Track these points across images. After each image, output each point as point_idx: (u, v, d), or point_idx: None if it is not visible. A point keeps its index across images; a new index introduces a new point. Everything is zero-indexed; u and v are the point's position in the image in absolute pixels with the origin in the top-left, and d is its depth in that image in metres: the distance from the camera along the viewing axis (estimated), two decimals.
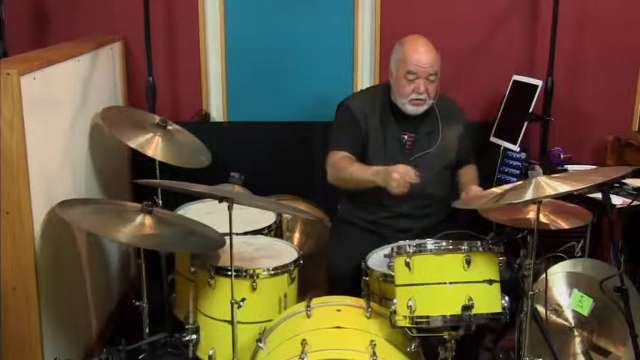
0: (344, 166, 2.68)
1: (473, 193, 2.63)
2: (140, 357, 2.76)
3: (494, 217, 2.45)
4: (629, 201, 2.80)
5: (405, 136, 2.76)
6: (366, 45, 3.62)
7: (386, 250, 2.49)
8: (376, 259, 2.54)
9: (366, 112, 2.78)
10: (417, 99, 2.69)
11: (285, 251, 2.63)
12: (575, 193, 2.14)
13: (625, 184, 3.00)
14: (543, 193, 2.05)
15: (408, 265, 2.11)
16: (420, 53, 2.67)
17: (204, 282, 2.45)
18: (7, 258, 2.25)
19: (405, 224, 2.77)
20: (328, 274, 2.73)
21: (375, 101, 2.81)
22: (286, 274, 2.49)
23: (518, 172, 3.22)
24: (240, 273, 2.40)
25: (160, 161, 2.73)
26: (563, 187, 2.05)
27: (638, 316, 2.48)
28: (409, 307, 2.07)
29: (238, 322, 2.28)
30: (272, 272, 2.44)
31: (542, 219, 2.28)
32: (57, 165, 2.54)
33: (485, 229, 2.69)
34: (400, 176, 2.43)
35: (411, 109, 2.72)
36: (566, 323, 2.65)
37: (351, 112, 2.80)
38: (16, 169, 2.20)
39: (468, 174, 2.89)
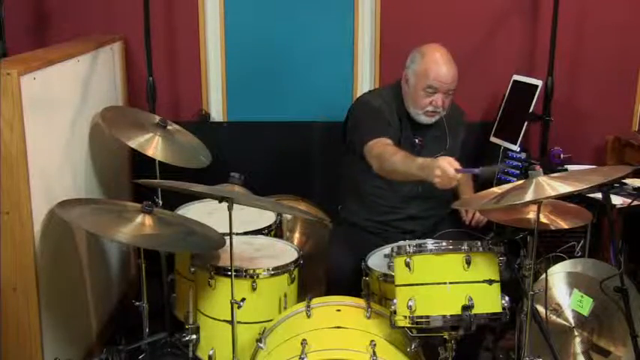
0: (387, 157, 2.51)
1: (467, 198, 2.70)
2: (140, 357, 2.76)
3: (495, 217, 2.45)
4: (629, 201, 2.80)
5: (417, 140, 2.77)
6: (366, 45, 3.62)
7: (386, 250, 2.50)
8: (376, 259, 2.54)
9: (388, 111, 2.75)
10: (433, 111, 2.69)
11: (285, 251, 2.63)
12: (575, 193, 2.13)
13: (625, 184, 3.00)
14: (543, 193, 2.04)
15: (408, 265, 2.11)
16: (442, 68, 2.62)
17: (204, 282, 2.45)
18: (7, 258, 2.25)
19: (411, 226, 2.80)
20: (328, 274, 2.74)
21: (391, 103, 2.78)
22: (286, 274, 2.49)
23: (518, 172, 3.22)
24: (240, 273, 2.40)
25: (159, 161, 2.73)
26: (563, 187, 2.04)
27: (638, 316, 2.48)
28: (409, 307, 2.07)
29: (238, 322, 2.28)
30: (272, 272, 2.45)
31: (543, 219, 2.28)
32: (57, 165, 2.54)
33: (485, 229, 2.70)
34: (442, 173, 2.25)
35: (424, 119, 2.72)
36: (566, 323, 2.65)
37: (375, 107, 2.75)
38: (16, 169, 2.20)
39: (462, 179, 2.89)
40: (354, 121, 2.80)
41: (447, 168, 2.23)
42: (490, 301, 2.10)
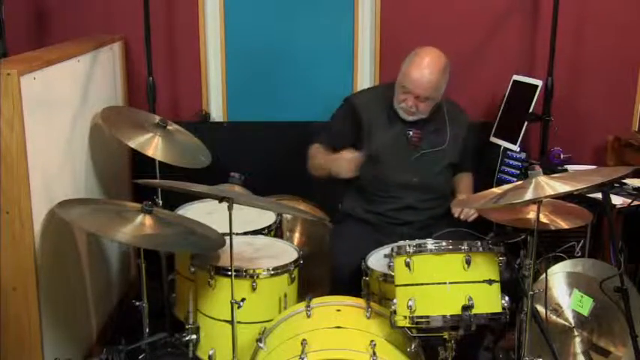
0: (314, 156, 2.91)
1: (461, 199, 2.77)
2: (140, 357, 2.76)
3: (495, 217, 2.45)
4: (629, 201, 2.80)
5: (411, 132, 2.82)
6: (366, 45, 3.62)
7: (386, 250, 2.50)
8: (376, 259, 2.54)
9: (371, 109, 2.85)
10: (406, 110, 2.78)
11: (285, 251, 2.63)
12: (575, 193, 2.13)
13: (625, 184, 3.00)
14: (543, 193, 2.04)
15: (408, 265, 2.11)
16: (417, 73, 2.70)
17: (204, 282, 2.45)
18: (7, 258, 2.25)
19: (409, 217, 2.83)
20: (331, 273, 2.74)
21: (381, 98, 2.87)
22: (286, 274, 2.49)
23: (518, 172, 3.22)
24: (240, 273, 2.40)
25: (160, 161, 2.73)
26: (563, 187, 2.05)
27: (638, 316, 2.48)
28: (409, 307, 2.07)
29: (238, 322, 2.28)
30: (272, 272, 2.45)
31: (542, 219, 2.28)
32: (57, 165, 2.54)
33: (485, 229, 2.70)
34: (343, 161, 2.68)
35: (402, 114, 2.81)
36: (566, 323, 2.65)
37: (353, 107, 2.88)
38: (16, 169, 2.20)
39: (463, 181, 2.98)
40: (330, 119, 3.02)
41: (345, 155, 2.66)
42: (490, 301, 2.10)
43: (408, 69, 2.73)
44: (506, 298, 2.12)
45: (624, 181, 3.01)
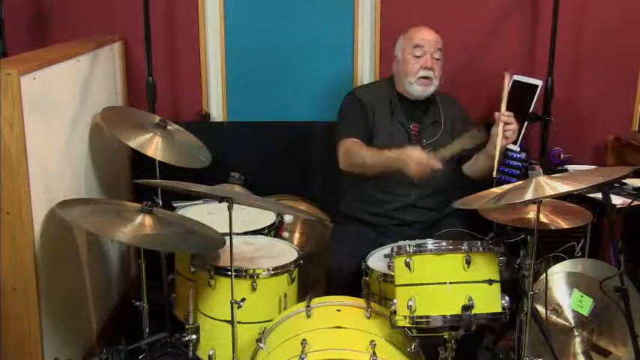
0: (356, 152, 2.68)
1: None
2: (140, 357, 2.77)
3: (495, 217, 2.45)
4: (629, 201, 2.80)
5: (411, 126, 2.83)
6: (366, 45, 3.62)
7: (386, 250, 2.50)
8: (376, 259, 2.54)
9: (374, 103, 2.84)
10: (425, 77, 2.77)
11: (285, 251, 2.63)
12: (575, 193, 2.13)
13: (625, 184, 3.00)
14: (543, 193, 2.05)
15: (408, 265, 2.11)
16: (425, 32, 2.82)
17: (204, 282, 2.45)
18: (7, 258, 2.25)
19: (409, 217, 2.81)
20: (330, 274, 2.73)
21: (381, 92, 2.88)
22: (286, 274, 2.49)
23: (518, 172, 3.22)
24: (240, 273, 2.40)
25: (160, 161, 2.73)
26: (563, 187, 2.05)
27: (638, 316, 2.48)
28: (409, 307, 2.07)
29: (238, 322, 2.28)
30: (272, 272, 2.45)
31: (542, 219, 2.28)
32: (57, 165, 2.54)
33: (485, 229, 2.70)
34: (416, 164, 2.48)
35: (418, 89, 2.79)
36: (566, 323, 2.65)
37: (359, 101, 2.86)
38: (16, 169, 2.20)
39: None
40: (339, 116, 2.91)
41: (417, 156, 2.48)
42: (490, 301, 2.10)
43: (412, 34, 2.82)
44: (507, 298, 2.12)
45: (624, 181, 3.00)
